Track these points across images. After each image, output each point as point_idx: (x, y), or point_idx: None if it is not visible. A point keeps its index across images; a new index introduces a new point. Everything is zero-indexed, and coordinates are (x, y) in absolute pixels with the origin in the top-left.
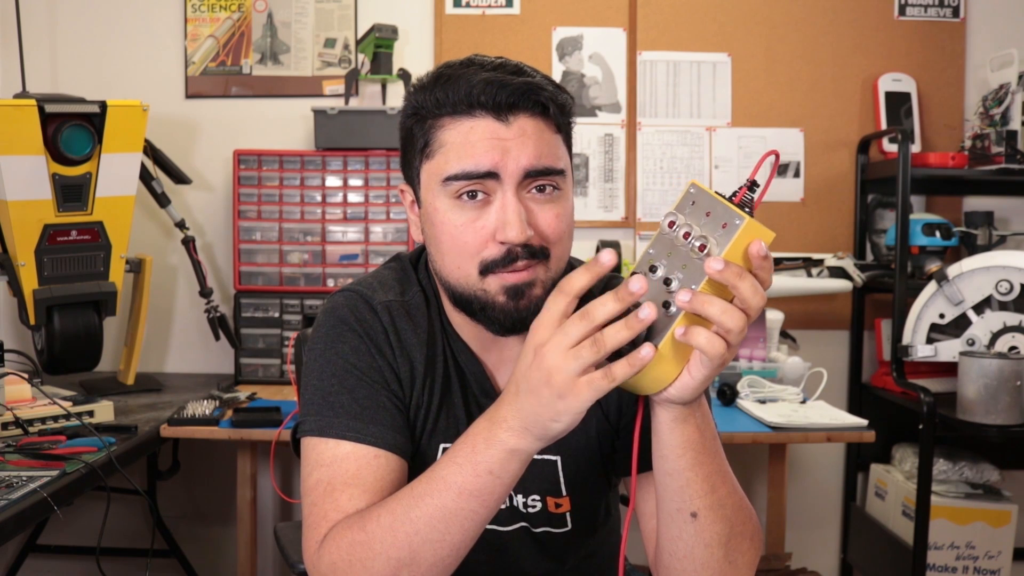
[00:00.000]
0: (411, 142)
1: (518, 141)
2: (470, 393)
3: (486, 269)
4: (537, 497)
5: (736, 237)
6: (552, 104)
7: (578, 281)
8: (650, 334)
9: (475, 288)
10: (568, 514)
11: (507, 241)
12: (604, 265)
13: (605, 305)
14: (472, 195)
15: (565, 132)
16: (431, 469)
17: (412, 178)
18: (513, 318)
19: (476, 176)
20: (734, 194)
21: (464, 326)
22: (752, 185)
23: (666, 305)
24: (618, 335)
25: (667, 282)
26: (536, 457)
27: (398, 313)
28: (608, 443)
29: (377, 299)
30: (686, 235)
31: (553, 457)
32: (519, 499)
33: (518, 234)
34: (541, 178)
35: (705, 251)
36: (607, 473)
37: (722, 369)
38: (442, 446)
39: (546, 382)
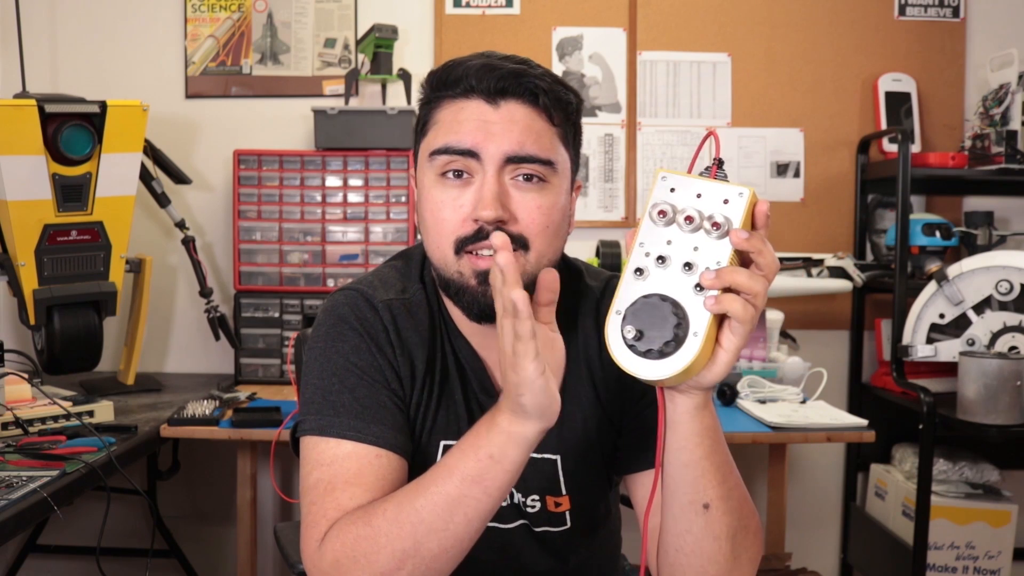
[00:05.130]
0: (417, 125)
1: (504, 126)
2: (470, 390)
3: (459, 247)
4: (536, 496)
5: (746, 207)
6: (544, 95)
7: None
8: (688, 324)
9: (452, 270)
10: (567, 513)
11: (480, 219)
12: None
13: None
14: (457, 174)
15: (563, 127)
16: (438, 462)
17: (415, 159)
18: (481, 304)
19: (457, 151)
20: (702, 175)
21: (463, 322)
22: (720, 163)
23: (699, 288)
24: (504, 293)
25: (688, 267)
26: (536, 456)
27: (399, 311)
28: (610, 443)
29: (378, 297)
30: (688, 219)
31: (553, 456)
32: (519, 497)
33: (491, 211)
34: (525, 165)
35: (721, 228)
36: (608, 473)
37: (749, 338)
38: (442, 443)
39: (501, 369)
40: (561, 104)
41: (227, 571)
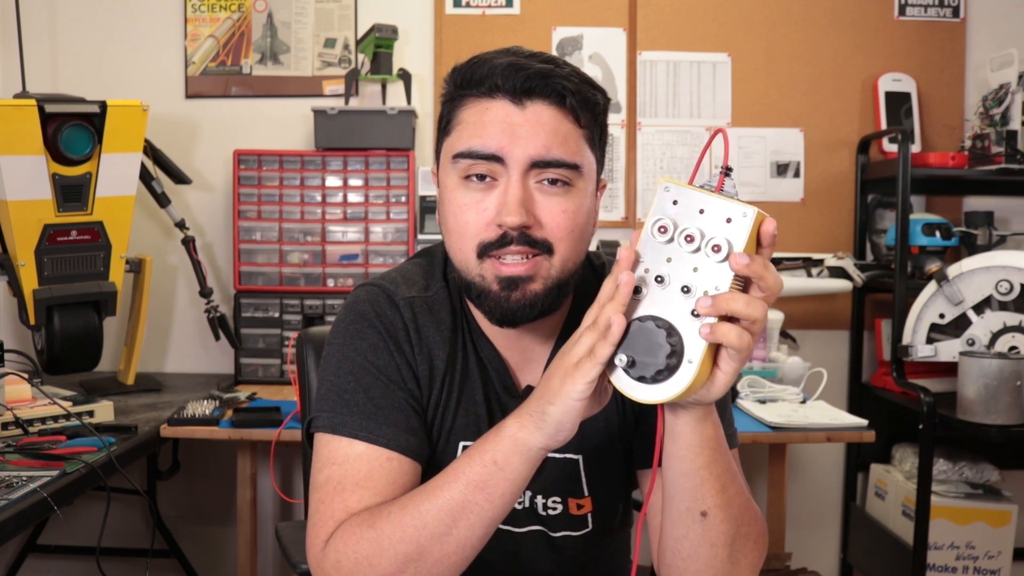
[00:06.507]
0: (440, 121)
1: (530, 128)
2: (492, 390)
3: (482, 252)
4: (558, 499)
5: (750, 229)
6: (571, 96)
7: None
8: (683, 350)
9: (474, 273)
10: (590, 515)
11: (504, 224)
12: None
13: (604, 309)
14: (481, 177)
15: (590, 129)
16: (447, 467)
17: (437, 157)
18: (504, 309)
19: (481, 156)
20: (708, 184)
21: (486, 322)
22: (728, 171)
23: (694, 314)
24: (607, 311)
25: (686, 290)
26: (557, 456)
27: (420, 309)
28: (628, 438)
29: (400, 294)
30: (689, 238)
31: (575, 456)
32: (539, 500)
33: (515, 218)
34: (550, 169)
35: (721, 252)
36: (629, 472)
37: (747, 360)
38: (461, 444)
39: (551, 369)
40: (588, 105)
41: (227, 571)
